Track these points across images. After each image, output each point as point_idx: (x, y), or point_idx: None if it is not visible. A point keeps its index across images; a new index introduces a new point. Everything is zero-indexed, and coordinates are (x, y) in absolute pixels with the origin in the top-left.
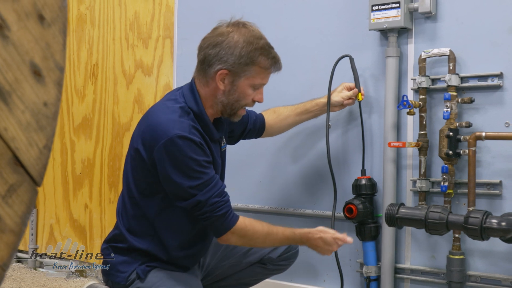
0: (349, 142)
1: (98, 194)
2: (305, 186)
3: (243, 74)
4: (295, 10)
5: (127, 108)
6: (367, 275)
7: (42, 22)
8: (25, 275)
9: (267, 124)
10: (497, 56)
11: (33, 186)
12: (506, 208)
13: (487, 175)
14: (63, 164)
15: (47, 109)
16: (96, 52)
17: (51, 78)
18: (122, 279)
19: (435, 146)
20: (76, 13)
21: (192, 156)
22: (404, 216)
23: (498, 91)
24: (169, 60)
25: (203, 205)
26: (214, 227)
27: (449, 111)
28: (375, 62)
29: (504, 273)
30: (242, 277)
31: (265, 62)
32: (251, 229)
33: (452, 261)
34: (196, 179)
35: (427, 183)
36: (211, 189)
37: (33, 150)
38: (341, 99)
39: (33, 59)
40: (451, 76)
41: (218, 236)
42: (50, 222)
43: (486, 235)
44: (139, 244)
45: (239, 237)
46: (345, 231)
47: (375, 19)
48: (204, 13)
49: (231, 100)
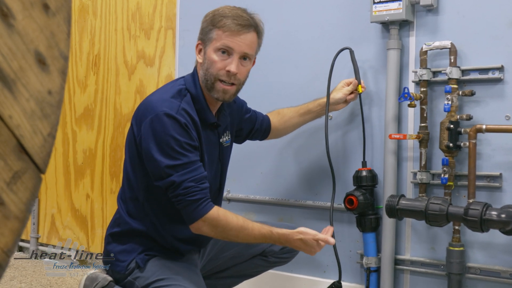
0: (350, 134)
1: (99, 184)
2: (306, 178)
3: (208, 40)
4: (296, 3)
5: (129, 99)
6: (367, 266)
7: (47, 11)
8: (27, 263)
9: (272, 125)
10: (498, 49)
11: (38, 174)
12: (506, 200)
13: (487, 167)
14: (65, 154)
15: (52, 98)
16: (98, 43)
17: (56, 67)
18: (121, 268)
19: (436, 138)
20: (79, 4)
21: (174, 135)
22: (405, 208)
23: (499, 84)
24: (171, 51)
25: (177, 187)
26: (186, 212)
27: (450, 104)
28: (377, 54)
29: (503, 265)
30: (243, 269)
31: (224, 21)
32: (224, 220)
33: (452, 253)
34: (174, 159)
35: (427, 175)
36: (188, 172)
37: (38, 138)
38: (343, 96)
39: (38, 48)
40: (452, 69)
41: (190, 223)
42: (51, 212)
43: (485, 227)
44: (138, 225)
45: (211, 227)
46: (345, 222)
47: (376, 11)
48: (206, 4)
49: (205, 71)
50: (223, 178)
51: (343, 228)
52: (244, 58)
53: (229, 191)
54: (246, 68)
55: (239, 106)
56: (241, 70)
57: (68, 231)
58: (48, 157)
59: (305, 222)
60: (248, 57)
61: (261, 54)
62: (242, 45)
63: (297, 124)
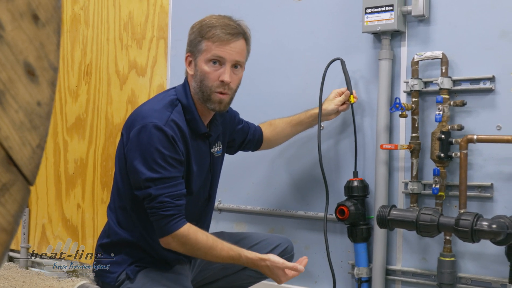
0: (342, 144)
1: (90, 194)
2: (298, 188)
3: (198, 52)
4: (289, 13)
5: (120, 109)
6: (359, 277)
7: (37, 22)
8: (17, 274)
9: (264, 136)
10: (489, 59)
11: (26, 185)
12: (497, 210)
13: (479, 177)
14: (56, 164)
15: (41, 109)
16: (90, 52)
17: (45, 78)
18: (112, 279)
19: (427, 148)
20: (71, 13)
21: (158, 148)
22: (396, 218)
23: (490, 94)
24: (163, 61)
25: (153, 200)
26: (157, 225)
27: (441, 114)
28: (368, 64)
29: (494, 275)
30: (234, 280)
31: (213, 32)
32: (194, 239)
33: (443, 263)
34: (155, 172)
35: (418, 186)
36: (166, 188)
37: (26, 150)
38: (335, 107)
39: (27, 59)
40: (443, 79)
41: (160, 237)
42: (42, 222)
43: (476, 238)
44: (127, 236)
45: (180, 244)
46: (337, 232)
47: (368, 21)
48: (198, 14)
49: (198, 83)
50: (213, 188)
51: (334, 238)
52: (235, 66)
53: (220, 201)
54: (238, 76)
55: (232, 117)
56: (234, 78)
57: (59, 241)
58: (37, 169)
59: (296, 232)
60: (239, 65)
61: (252, 63)
62: (233, 53)
63: (289, 135)
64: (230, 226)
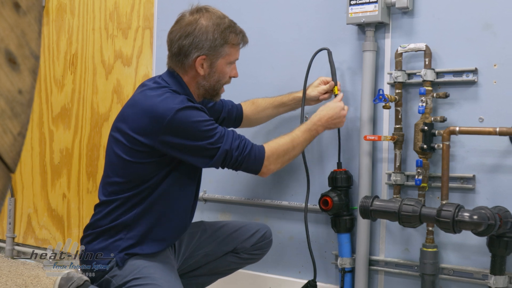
0: (326, 135)
1: (76, 184)
2: (282, 179)
3: (220, 55)
4: (274, 4)
5: (106, 98)
6: (342, 267)
7: (18, 10)
8: (2, 263)
9: (244, 114)
10: (472, 52)
11: (7, 173)
12: (478, 202)
13: (461, 169)
14: (42, 154)
15: (22, 97)
16: (76, 42)
17: (26, 66)
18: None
19: (410, 140)
20: (56, 3)
21: (198, 120)
22: (378, 209)
23: (473, 86)
24: (148, 51)
25: (232, 152)
26: (250, 166)
27: (424, 106)
28: (352, 56)
29: (476, 266)
30: (216, 267)
31: (235, 38)
32: (277, 147)
33: (425, 254)
34: (213, 135)
35: (402, 177)
36: (228, 136)
37: (7, 137)
38: (317, 94)
39: (8, 47)
40: (426, 71)
41: (258, 172)
42: (28, 211)
43: (458, 228)
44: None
45: (275, 160)
46: (321, 223)
47: (352, 13)
48: (184, 4)
49: (212, 82)
50: (200, 176)
51: (318, 229)
52: None
53: (205, 192)
54: None
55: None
56: None
57: (45, 231)
58: (18, 156)
59: (280, 223)
60: None
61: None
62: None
63: (271, 116)
64: (215, 216)
